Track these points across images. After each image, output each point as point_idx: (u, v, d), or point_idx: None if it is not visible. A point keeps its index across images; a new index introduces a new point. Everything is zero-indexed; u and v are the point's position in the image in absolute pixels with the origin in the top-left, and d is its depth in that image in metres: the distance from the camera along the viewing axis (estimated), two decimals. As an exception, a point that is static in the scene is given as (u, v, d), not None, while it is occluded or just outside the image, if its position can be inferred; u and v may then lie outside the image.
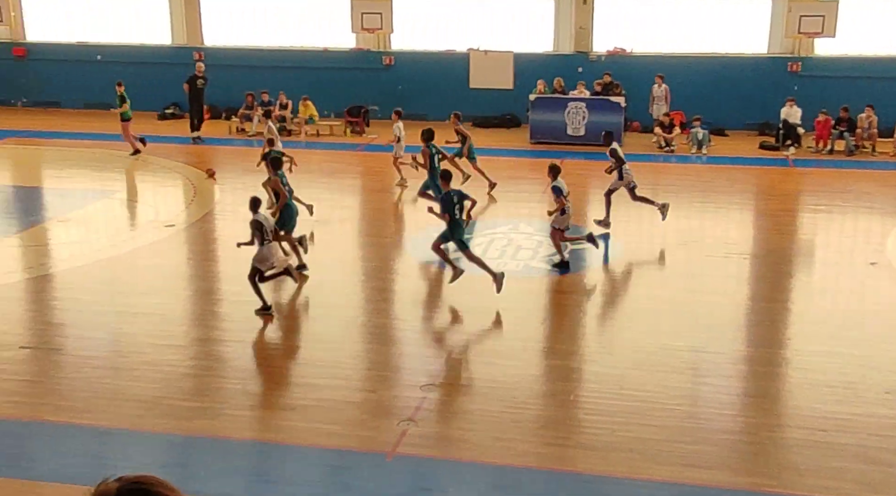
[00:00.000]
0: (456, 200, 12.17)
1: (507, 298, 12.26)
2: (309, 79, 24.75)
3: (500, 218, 16.52)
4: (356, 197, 18.52)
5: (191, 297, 12.56)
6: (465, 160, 18.04)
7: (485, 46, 23.72)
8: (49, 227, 15.83)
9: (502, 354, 10.43)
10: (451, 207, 12.09)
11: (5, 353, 10.42)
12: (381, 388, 9.74)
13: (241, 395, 9.44)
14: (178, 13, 25.96)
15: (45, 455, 8.37)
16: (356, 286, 12.91)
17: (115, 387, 9.62)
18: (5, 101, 27.08)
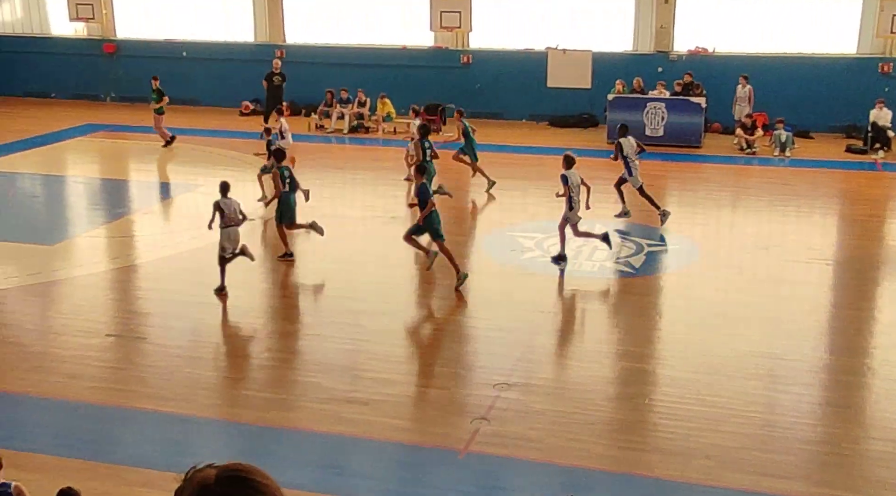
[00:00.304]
0: (432, 192, 12.50)
1: (582, 299, 12.19)
2: (387, 76, 24.95)
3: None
4: (431, 194, 18.55)
5: (268, 290, 12.79)
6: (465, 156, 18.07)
7: (563, 45, 23.57)
8: (134, 218, 16.30)
9: (576, 355, 10.37)
10: (429, 197, 12.44)
11: (92, 340, 10.78)
12: (454, 386, 9.77)
13: (316, 388, 9.58)
14: (262, 11, 26.45)
15: (127, 440, 8.63)
16: (428, 283, 12.96)
17: (194, 375, 9.87)
18: (95, 96, 27.98)
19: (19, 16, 28.67)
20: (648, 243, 14.45)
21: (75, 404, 9.22)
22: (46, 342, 10.84)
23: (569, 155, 13.60)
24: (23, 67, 28.27)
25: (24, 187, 18.55)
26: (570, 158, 13.48)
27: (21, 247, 14.34)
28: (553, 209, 16.89)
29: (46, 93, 28.29)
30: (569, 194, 13.18)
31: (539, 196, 17.85)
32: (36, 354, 10.39)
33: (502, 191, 18.25)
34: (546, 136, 23.34)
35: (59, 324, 11.46)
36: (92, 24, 27.63)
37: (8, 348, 10.56)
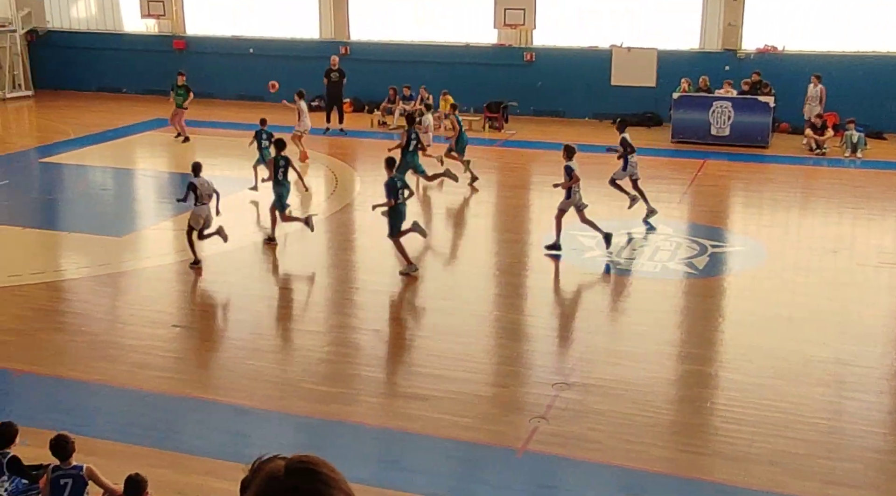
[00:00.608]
0: (400, 186, 12.68)
1: (643, 300, 12.05)
2: (450, 74, 24.97)
3: (637, 218, 16.21)
4: (491, 192, 18.56)
5: (330, 285, 12.91)
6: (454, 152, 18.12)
7: (628, 43, 23.32)
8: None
9: (636, 356, 10.25)
10: (394, 192, 12.60)
11: (159, 331, 11.02)
12: (513, 384, 9.75)
13: (375, 383, 9.65)
14: (327, 9, 26.71)
15: (191, 429, 8.80)
16: (490, 281, 12.95)
17: (256, 368, 10.01)
18: (164, 91, 28.51)
19: (94, 13, 29.43)
20: (713, 244, 14.22)
21: (142, 393, 9.43)
22: (115, 331, 11.11)
23: (569, 145, 13.86)
24: (96, 63, 29.01)
25: (95, 180, 19.04)
26: (570, 149, 13.72)
27: (91, 238, 14.72)
28: (615, 208, 16.75)
29: (118, 88, 28.98)
30: (570, 186, 13.40)
31: (600, 195, 17.69)
32: (105, 343, 10.65)
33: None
34: (609, 135, 23.00)
35: (127, 314, 11.74)
36: (163, 21, 28.22)
37: (78, 337, 10.85)
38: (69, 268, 13.53)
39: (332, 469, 1.90)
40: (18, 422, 7.07)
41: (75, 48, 29.03)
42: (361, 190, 17.69)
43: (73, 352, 10.41)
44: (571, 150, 13.68)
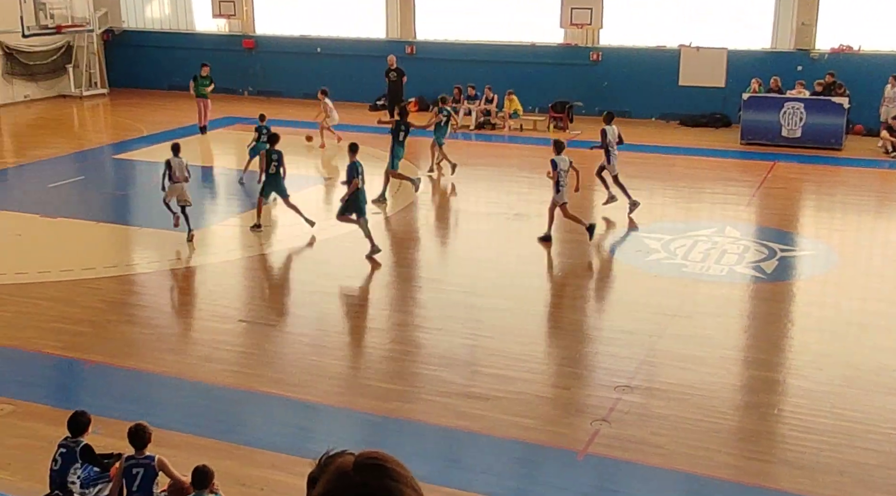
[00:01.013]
0: (360, 171, 13.27)
1: (710, 304, 11.86)
2: (515, 73, 24.91)
3: (704, 220, 15.98)
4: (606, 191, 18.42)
5: (392, 283, 12.98)
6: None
7: (697, 43, 22.97)
8: (266, 209, 16.82)
9: (702, 361, 10.09)
10: (356, 175, 13.17)
11: (225, 326, 11.22)
12: (575, 386, 9.68)
13: (437, 381, 9.67)
14: (394, 8, 26.87)
15: (255, 422, 8.94)
16: (552, 282, 12.89)
17: (320, 363, 10.12)
18: (233, 90, 29.05)
19: (167, 13, 30.10)
20: (782, 248, 13.93)
21: (208, 386, 9.61)
22: (183, 325, 11.36)
23: (559, 140, 14.36)
24: (168, 62, 29.65)
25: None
26: (559, 143, 14.14)
27: (162, 233, 15.04)
28: (680, 210, 16.54)
29: (189, 86, 29.56)
30: (557, 178, 13.67)
31: (667, 197, 17.49)
32: (173, 336, 10.89)
33: (629, 190, 17.93)
34: (676, 136, 22.81)
35: (195, 308, 11.98)
36: (233, 21, 28.72)
37: (148, 330, 11.11)
38: (140, 263, 13.86)
39: (401, 465, 1.91)
40: (90, 411, 7.27)
41: (148, 47, 29.73)
42: (424, 188, 17.75)
43: (143, 345, 10.66)
44: (560, 144, 14.14)
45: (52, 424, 8.33)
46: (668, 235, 14.65)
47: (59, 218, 15.71)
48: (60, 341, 10.66)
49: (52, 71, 28.75)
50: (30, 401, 9.13)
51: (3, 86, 27.50)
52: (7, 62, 27.40)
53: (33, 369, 10.12)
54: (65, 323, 11.21)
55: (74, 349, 10.46)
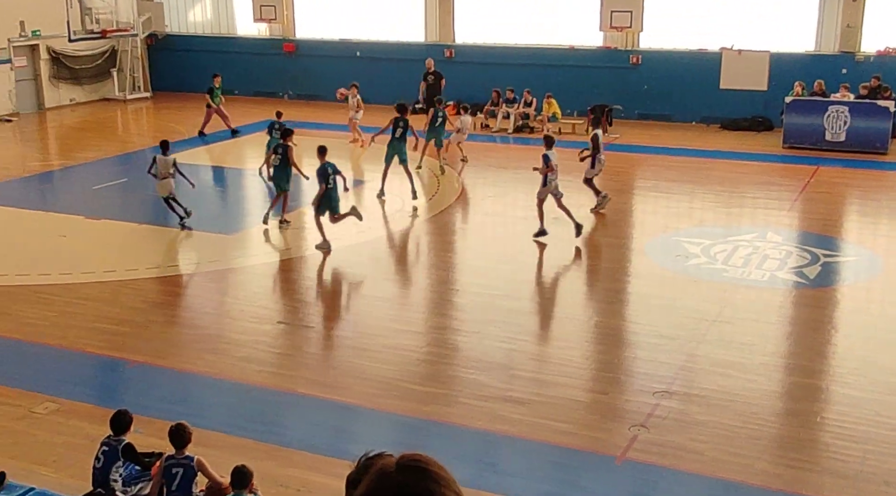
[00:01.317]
0: (331, 172, 13.85)
1: (750, 309, 11.73)
2: (554, 76, 24.84)
3: (745, 225, 15.81)
4: (593, 196, 18.33)
5: (431, 286, 13.01)
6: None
7: (739, 45, 22.72)
8: (306, 211, 16.94)
9: (742, 367, 9.98)
10: (325, 178, 13.73)
11: (265, 327, 11.32)
12: (613, 391, 9.62)
13: (474, 385, 9.66)
14: (433, 12, 26.94)
15: (293, 423, 9.01)
16: (590, 286, 12.83)
17: (358, 365, 10.17)
18: (273, 93, 29.33)
19: (210, 17, 30.47)
20: (825, 253, 13.73)
21: (247, 386, 9.71)
22: (223, 326, 11.47)
23: (549, 136, 14.89)
24: (209, 65, 29.85)
25: (207, 179, 19.67)
26: (550, 139, 14.64)
27: (203, 235, 15.23)
28: (720, 214, 16.38)
29: (230, 90, 29.78)
30: (546, 173, 14.06)
31: (707, 201, 17.32)
32: (213, 337, 11.01)
33: (669, 194, 17.82)
34: (717, 139, 22.58)
35: (235, 309, 12.11)
36: (274, 25, 28.99)
37: (189, 330, 11.25)
38: (182, 264, 14.04)
39: (442, 468, 1.92)
40: (132, 410, 7.37)
41: (191, 51, 30.10)
42: (463, 192, 17.76)
43: (184, 345, 10.80)
44: (550, 140, 14.58)
45: (95, 422, 8.47)
46: (707, 240, 14.51)
47: (103, 219, 15.97)
48: (103, 341, 10.83)
49: (97, 75, 29.23)
50: (74, 400, 9.29)
51: (50, 89, 28.02)
52: (54, 66, 27.91)
53: (77, 368, 10.29)
54: (108, 323, 11.39)
55: (117, 349, 10.62)
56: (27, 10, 26.41)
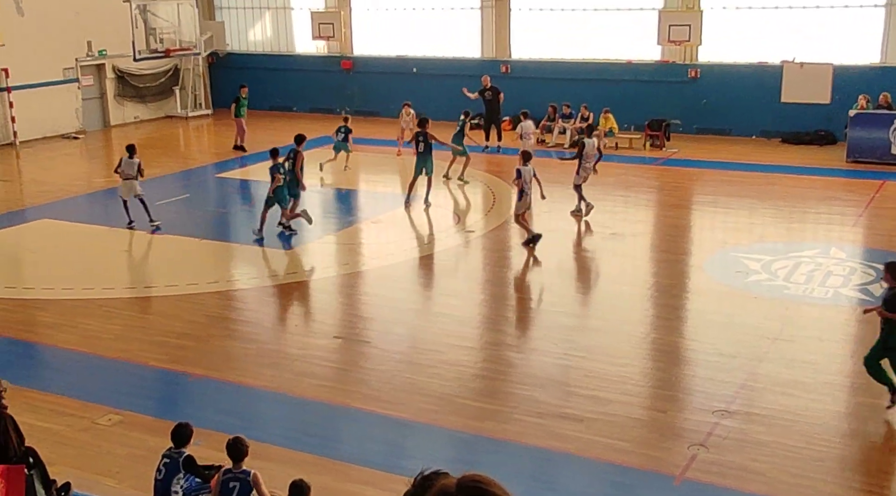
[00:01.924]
0: (282, 170, 15.60)
1: (813, 327, 11.48)
2: (611, 91, 24.71)
3: (807, 241, 15.50)
4: (651, 211, 18.20)
5: (486, 302, 12.99)
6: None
7: (801, 58, 22.35)
8: (363, 227, 17.12)
9: (805, 386, 9.76)
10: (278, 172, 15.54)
11: (321, 341, 11.42)
12: (672, 409, 9.49)
13: (530, 401, 9.61)
14: (489, 28, 27.03)
15: (350, 438, 9.05)
16: (647, 302, 12.68)
17: (413, 381, 10.19)
18: (330, 110, 29.67)
19: (269, 36, 30.99)
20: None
21: (304, 401, 9.79)
22: (281, 340, 11.60)
23: (526, 151, 15.24)
24: (269, 83, 30.48)
25: (265, 195, 19.92)
26: (527, 154, 15.03)
27: (261, 250, 15.44)
28: (781, 230, 16.08)
29: (289, 107, 30.34)
30: (521, 186, 14.46)
31: (768, 216, 17.03)
32: (271, 351, 11.14)
33: (728, 209, 17.57)
34: (778, 154, 22.22)
35: (292, 324, 12.24)
36: (332, 42, 29.37)
37: (248, 344, 11.39)
38: (241, 279, 14.24)
39: (502, 489, 1.91)
40: (193, 423, 7.48)
41: (250, 69, 30.62)
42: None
43: (243, 359, 10.94)
44: (527, 155, 14.97)
45: (156, 435, 8.62)
46: (768, 256, 14.26)
47: (165, 234, 16.30)
48: (165, 354, 11.03)
49: (160, 93, 29.93)
50: (136, 412, 9.47)
51: (115, 107, 28.76)
52: (119, 85, 28.67)
53: (140, 381, 10.49)
54: (169, 336, 11.60)
55: (178, 362, 10.81)
56: (94, 30, 27.18)
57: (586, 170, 16.47)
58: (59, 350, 11.33)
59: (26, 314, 12.62)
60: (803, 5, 23.08)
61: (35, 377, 10.54)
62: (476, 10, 27.17)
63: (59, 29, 26.39)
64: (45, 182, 20.86)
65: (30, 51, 25.73)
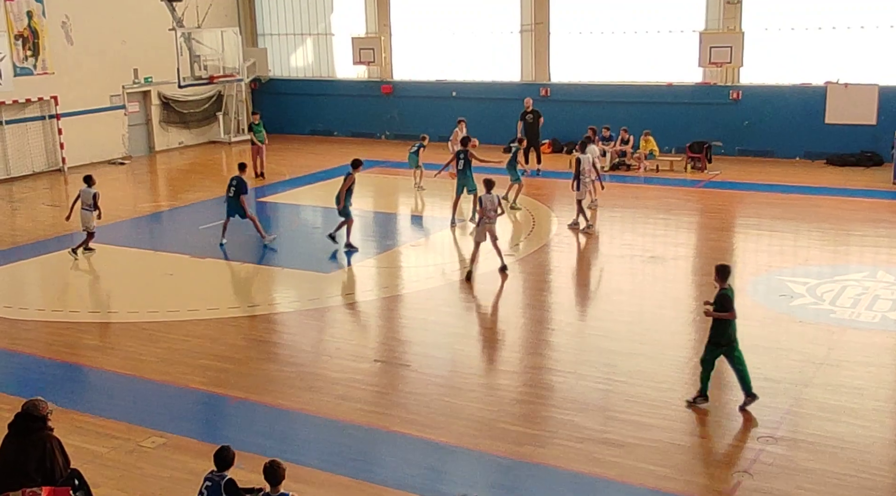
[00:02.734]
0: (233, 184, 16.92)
1: (861, 352, 11.26)
2: (651, 113, 24.63)
3: (854, 264, 15.24)
4: (692, 234, 18.03)
5: (525, 325, 12.94)
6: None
7: (845, 79, 22.09)
8: (402, 250, 17.17)
9: (853, 412, 9.56)
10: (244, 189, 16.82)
11: (361, 365, 11.45)
12: (715, 435, 9.35)
13: (570, 426, 9.53)
14: (528, 52, 27.13)
15: (389, 462, 9.04)
16: (690, 326, 12.54)
17: (453, 405, 10.16)
18: (371, 134, 29.94)
19: (310, 61, 31.40)
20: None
21: (343, 424, 9.80)
22: (320, 364, 11.65)
23: (488, 179, 15.18)
24: (310, 108, 30.88)
25: (307, 218, 20.14)
26: (489, 182, 15.07)
27: (301, 273, 15.56)
28: (827, 253, 15.83)
29: (329, 131, 30.67)
30: (483, 214, 14.79)
31: (813, 239, 16.80)
32: (310, 375, 11.19)
33: (772, 232, 17.35)
34: (823, 175, 21.94)
35: (332, 347, 12.29)
36: (372, 67, 29.67)
37: (287, 368, 11.46)
38: (281, 302, 14.35)
39: None
40: (234, 445, 7.52)
41: (292, 94, 31.06)
42: (558, 231, 17.69)
43: (283, 382, 11.00)
44: (490, 184, 15.01)
45: (199, 457, 8.70)
46: (813, 279, 14.04)
47: (207, 258, 16.50)
48: (207, 377, 11.13)
49: (204, 118, 30.43)
50: (179, 435, 9.55)
51: (160, 133, 29.29)
52: (164, 111, 29.21)
53: (183, 403, 10.59)
54: (211, 359, 11.71)
55: (219, 385, 10.90)
56: (141, 58, 27.78)
57: (585, 185, 16.98)
58: (104, 372, 11.49)
59: (72, 337, 12.83)
60: (847, 26, 22.85)
61: (80, 399, 10.69)
62: (516, 34, 27.30)
63: (107, 57, 27.01)
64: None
65: (78, 79, 26.36)
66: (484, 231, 14.83)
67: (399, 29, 29.27)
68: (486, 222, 14.77)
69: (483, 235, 14.83)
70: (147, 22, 27.44)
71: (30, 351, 12.32)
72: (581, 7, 26.23)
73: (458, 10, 28.00)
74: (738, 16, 23.93)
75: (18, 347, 12.48)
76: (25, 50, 25.20)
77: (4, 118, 24.96)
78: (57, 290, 15.59)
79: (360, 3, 29.63)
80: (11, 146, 25.18)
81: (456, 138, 21.79)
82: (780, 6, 23.59)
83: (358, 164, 16.89)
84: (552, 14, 26.60)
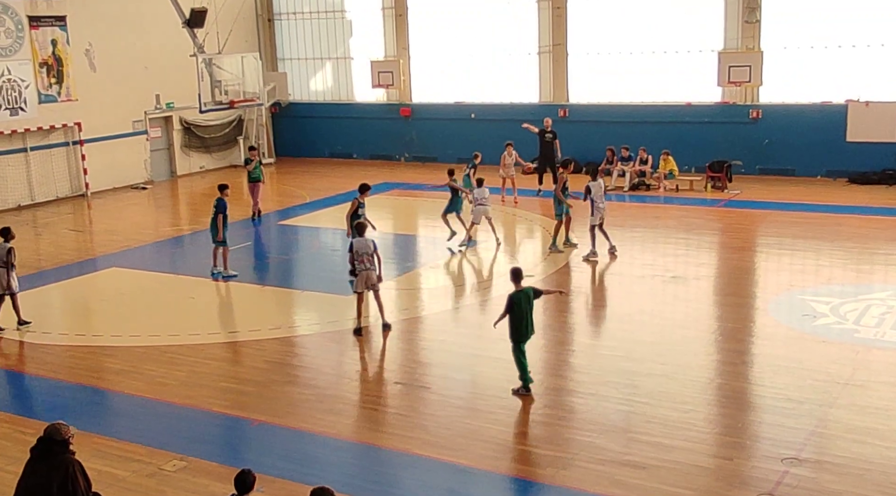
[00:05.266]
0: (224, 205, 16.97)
1: (886, 372, 11.13)
2: (670, 133, 24.60)
3: (878, 283, 15.09)
4: (713, 254, 17.94)
5: (546, 347, 12.88)
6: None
7: (866, 97, 21.98)
8: (422, 272, 17.19)
9: (879, 433, 9.44)
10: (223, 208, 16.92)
11: (382, 387, 11.44)
12: (738, 457, 9.25)
13: (592, 448, 9.47)
14: (546, 73, 27.21)
15: (409, 484, 9.00)
16: (712, 346, 12.45)
17: (473, 427, 10.12)
18: (390, 157, 30.08)
19: (330, 85, 31.64)
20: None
21: (364, 446, 9.79)
22: (341, 386, 11.65)
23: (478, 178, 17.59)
24: (329, 131, 31.09)
25: (326, 241, 20.21)
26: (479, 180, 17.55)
27: (322, 296, 15.60)
28: (850, 272, 15.70)
29: (349, 154, 30.85)
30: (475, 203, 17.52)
31: (836, 258, 16.66)
32: (332, 397, 11.19)
33: (794, 251, 17.23)
34: (845, 194, 21.80)
35: (352, 369, 12.29)
36: (391, 90, 29.85)
37: (308, 390, 11.46)
38: (302, 325, 14.39)
39: None
40: (255, 469, 7.51)
41: (312, 118, 31.29)
42: (576, 252, 17.64)
43: (304, 405, 11.00)
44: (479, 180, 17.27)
45: (220, 481, 8.71)
46: (837, 299, 13.92)
47: (229, 281, 16.58)
48: (228, 400, 11.16)
49: (225, 143, 30.70)
50: (200, 458, 9.57)
51: (182, 158, 29.57)
52: (185, 136, 29.50)
53: (204, 426, 10.62)
54: (232, 382, 11.74)
55: (240, 408, 10.92)
56: (162, 83, 28.11)
57: (599, 210, 16.81)
58: (126, 396, 11.55)
59: (95, 361, 12.92)
60: (867, 43, 22.77)
61: (103, 423, 10.74)
62: (534, 55, 27.40)
63: (129, 83, 27.35)
64: (115, 231, 21.47)
65: (101, 105, 26.69)
66: (480, 214, 17.64)
67: (417, 52, 29.46)
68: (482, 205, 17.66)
69: (479, 217, 17.75)
70: (169, 48, 27.79)
71: (52, 375, 12.41)
72: (599, 28, 26.30)
73: (476, 32, 28.16)
74: (757, 35, 23.92)
75: (41, 371, 12.57)
76: (50, 77, 25.58)
77: (29, 144, 25.30)
78: (80, 314, 15.71)
79: (378, 26, 29.87)
80: (36, 172, 25.49)
81: (504, 162, 22.06)
82: (798, 25, 23.55)
83: (365, 188, 16.65)
84: (570, 35, 26.70)
